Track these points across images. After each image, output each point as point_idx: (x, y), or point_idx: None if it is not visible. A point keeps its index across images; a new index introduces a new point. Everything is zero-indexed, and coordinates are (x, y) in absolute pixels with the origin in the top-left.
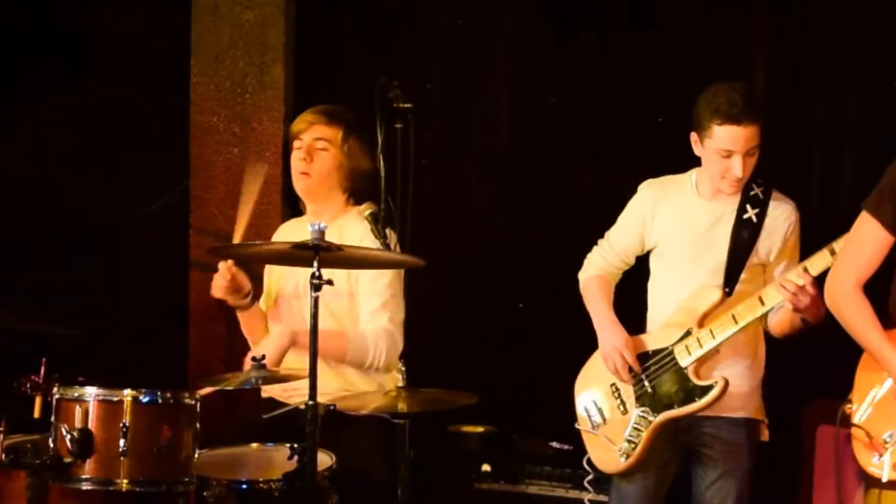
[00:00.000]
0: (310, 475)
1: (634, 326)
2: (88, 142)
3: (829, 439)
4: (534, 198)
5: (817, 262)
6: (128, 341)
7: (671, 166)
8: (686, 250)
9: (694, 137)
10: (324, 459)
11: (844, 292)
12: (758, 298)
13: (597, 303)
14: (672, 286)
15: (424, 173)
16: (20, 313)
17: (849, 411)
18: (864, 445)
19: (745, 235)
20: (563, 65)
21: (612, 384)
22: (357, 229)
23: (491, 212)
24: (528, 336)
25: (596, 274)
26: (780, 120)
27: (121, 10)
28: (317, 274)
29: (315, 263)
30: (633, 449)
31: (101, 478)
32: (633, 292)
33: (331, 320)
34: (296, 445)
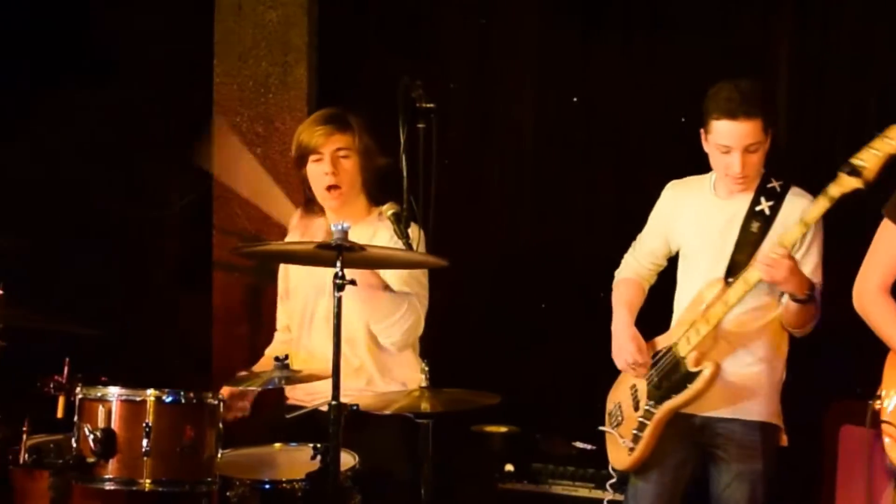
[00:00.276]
0: (333, 475)
1: (662, 328)
2: (112, 142)
3: (852, 439)
4: (556, 197)
5: (790, 236)
6: (151, 341)
7: (694, 166)
8: (704, 251)
9: (702, 135)
10: (347, 459)
11: (870, 294)
12: (742, 278)
13: (617, 305)
14: (693, 287)
15: (447, 173)
16: (43, 313)
17: (878, 407)
18: (894, 441)
19: (754, 227)
20: (587, 64)
21: (633, 385)
22: (383, 235)
23: (513, 211)
24: (550, 336)
25: (626, 276)
26: (804, 118)
27: (144, 11)
28: (340, 274)
29: (338, 263)
30: (638, 442)
31: (124, 478)
32: (659, 294)
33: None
34: (319, 445)
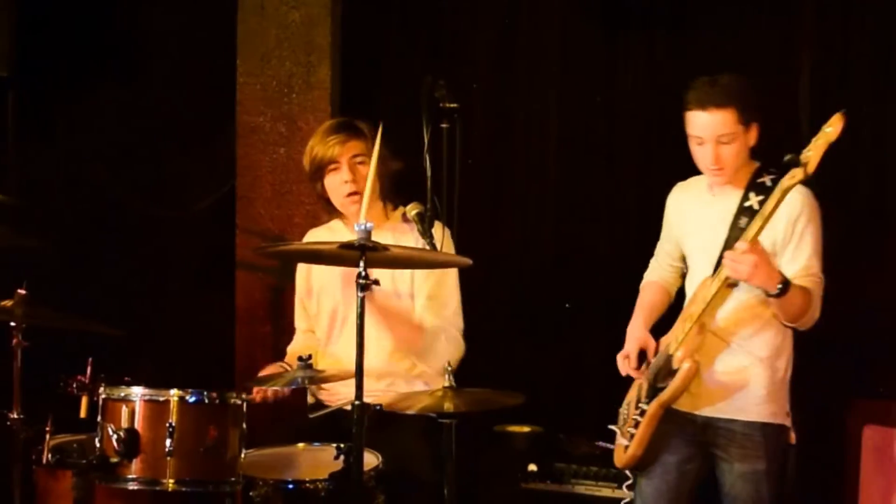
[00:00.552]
0: (356, 475)
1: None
2: (135, 142)
3: (875, 438)
4: (580, 197)
5: (750, 230)
6: (174, 341)
7: None
8: (700, 249)
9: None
10: (370, 459)
11: None
12: (716, 275)
13: (636, 309)
14: (692, 285)
15: (470, 173)
16: (66, 313)
17: None
18: None
19: (742, 223)
20: (610, 64)
21: (640, 384)
22: (408, 237)
23: (537, 211)
24: (574, 336)
25: (650, 280)
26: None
27: (168, 11)
28: (363, 274)
29: (361, 263)
30: (632, 439)
31: (148, 478)
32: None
33: (384, 322)
34: (342, 445)
